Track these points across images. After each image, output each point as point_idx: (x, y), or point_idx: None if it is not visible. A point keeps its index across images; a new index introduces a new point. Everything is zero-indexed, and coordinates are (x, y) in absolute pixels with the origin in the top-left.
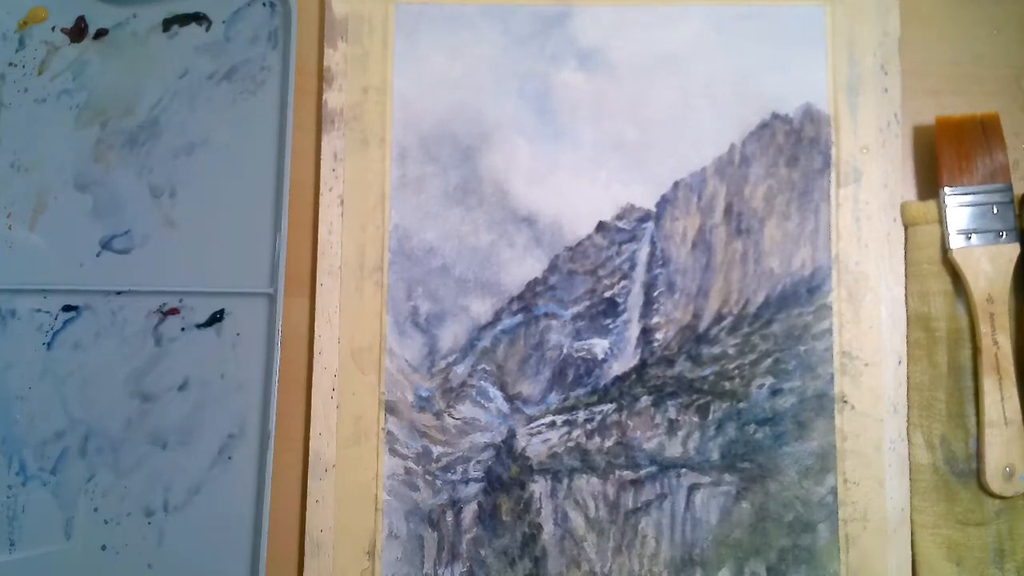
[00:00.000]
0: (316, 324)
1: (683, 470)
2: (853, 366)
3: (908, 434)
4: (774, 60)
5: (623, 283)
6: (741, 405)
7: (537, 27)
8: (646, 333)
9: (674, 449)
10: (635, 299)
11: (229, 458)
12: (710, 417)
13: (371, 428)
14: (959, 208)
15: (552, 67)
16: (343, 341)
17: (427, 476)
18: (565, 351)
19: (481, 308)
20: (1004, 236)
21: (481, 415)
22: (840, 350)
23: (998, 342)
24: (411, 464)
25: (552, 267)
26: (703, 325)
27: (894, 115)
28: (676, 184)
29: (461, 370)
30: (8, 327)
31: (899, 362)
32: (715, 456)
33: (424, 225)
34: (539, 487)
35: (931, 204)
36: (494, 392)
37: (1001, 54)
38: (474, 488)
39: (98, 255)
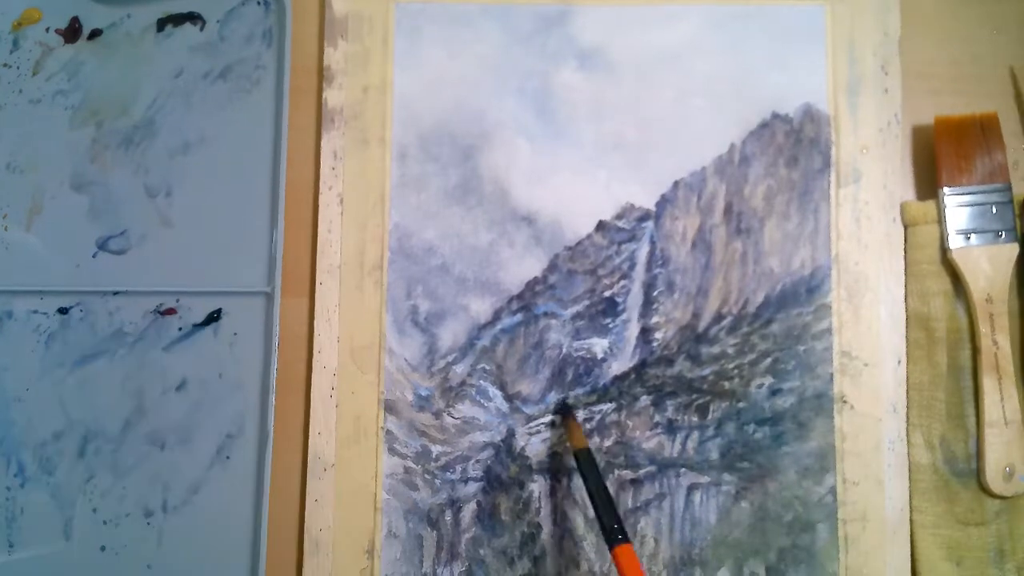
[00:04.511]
0: (315, 323)
1: (682, 470)
2: (853, 366)
3: (908, 434)
4: (774, 60)
5: (623, 283)
6: (740, 405)
7: (537, 26)
8: (645, 333)
9: (673, 449)
10: (634, 299)
11: (228, 458)
12: (709, 417)
13: (370, 427)
14: (958, 208)
15: (552, 66)
16: (342, 340)
17: (426, 475)
18: (564, 350)
19: (481, 307)
20: (1003, 236)
21: (480, 414)
22: (840, 350)
23: (998, 342)
24: (410, 463)
25: (552, 266)
26: (702, 325)
27: (894, 115)
28: (676, 184)
29: (460, 369)
30: (5, 329)
31: (899, 362)
32: (714, 456)
33: (424, 224)
34: (538, 486)
35: (930, 204)
36: (493, 391)
37: (1001, 54)
38: (473, 487)
39: (94, 256)
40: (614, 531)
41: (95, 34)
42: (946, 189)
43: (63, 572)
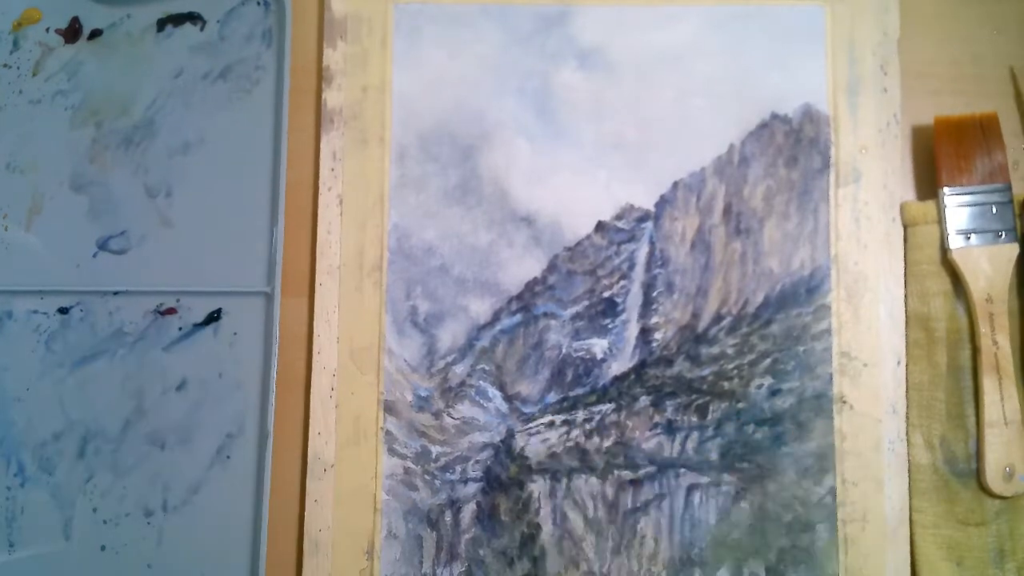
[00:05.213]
0: (315, 324)
1: (682, 470)
2: (852, 366)
3: (908, 434)
4: (774, 60)
5: (622, 283)
6: (740, 405)
7: (537, 26)
8: (645, 333)
9: (673, 449)
10: (634, 299)
11: (228, 458)
12: (709, 417)
13: (370, 428)
14: (958, 208)
15: (552, 66)
16: (342, 341)
17: (426, 476)
18: (564, 351)
19: (480, 308)
20: (1003, 236)
21: (480, 415)
22: (839, 350)
23: (998, 342)
24: (410, 464)
25: (551, 267)
26: (702, 325)
27: (893, 115)
28: (675, 184)
29: (460, 370)
30: (5, 329)
31: (898, 362)
32: (714, 456)
33: (423, 224)
34: (538, 487)
35: (930, 204)
36: (493, 392)
37: (1001, 54)
38: (473, 488)
39: (94, 256)
40: None
41: (95, 34)
42: (946, 189)
43: (63, 572)
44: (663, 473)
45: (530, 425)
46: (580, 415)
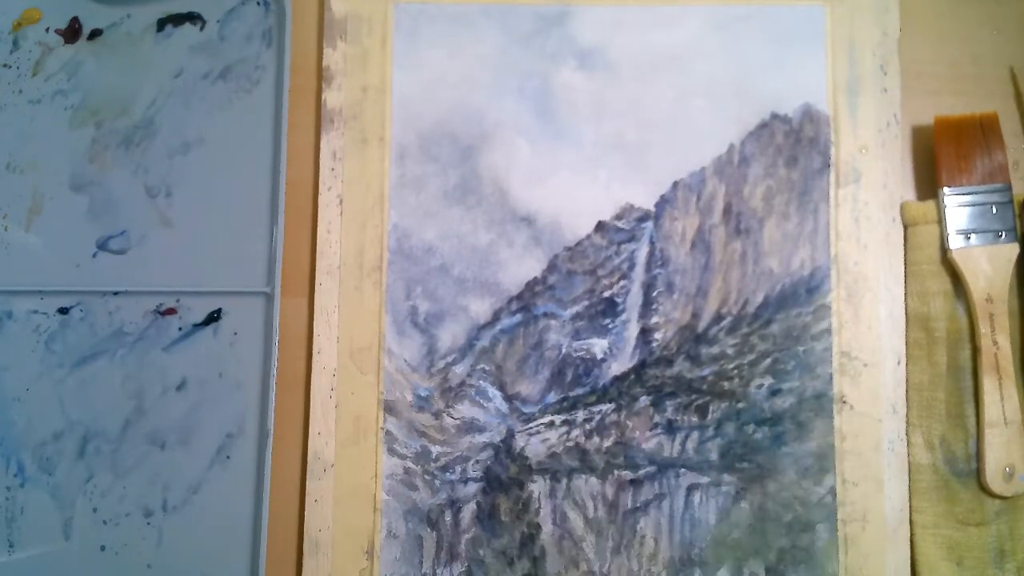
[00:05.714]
0: (315, 323)
1: (682, 470)
2: (852, 366)
3: (908, 434)
4: (774, 60)
5: (622, 283)
6: (740, 405)
7: (537, 26)
8: (645, 333)
9: (673, 449)
10: (634, 299)
11: (228, 457)
12: (709, 417)
13: (370, 428)
14: (958, 208)
15: (552, 66)
16: (342, 341)
17: (426, 476)
18: (564, 351)
19: (480, 308)
20: (1003, 236)
21: (480, 415)
22: (839, 350)
23: (998, 342)
24: (410, 464)
25: (551, 267)
26: (702, 325)
27: (893, 115)
28: (675, 184)
29: (460, 370)
30: (5, 329)
31: (898, 362)
32: (714, 456)
33: (423, 224)
34: (538, 487)
35: (930, 204)
36: (493, 392)
37: (1001, 54)
38: (473, 488)
39: (94, 256)
40: None
41: (95, 34)
42: (946, 189)
43: (63, 572)
44: (663, 473)
45: (530, 425)
46: (580, 415)
